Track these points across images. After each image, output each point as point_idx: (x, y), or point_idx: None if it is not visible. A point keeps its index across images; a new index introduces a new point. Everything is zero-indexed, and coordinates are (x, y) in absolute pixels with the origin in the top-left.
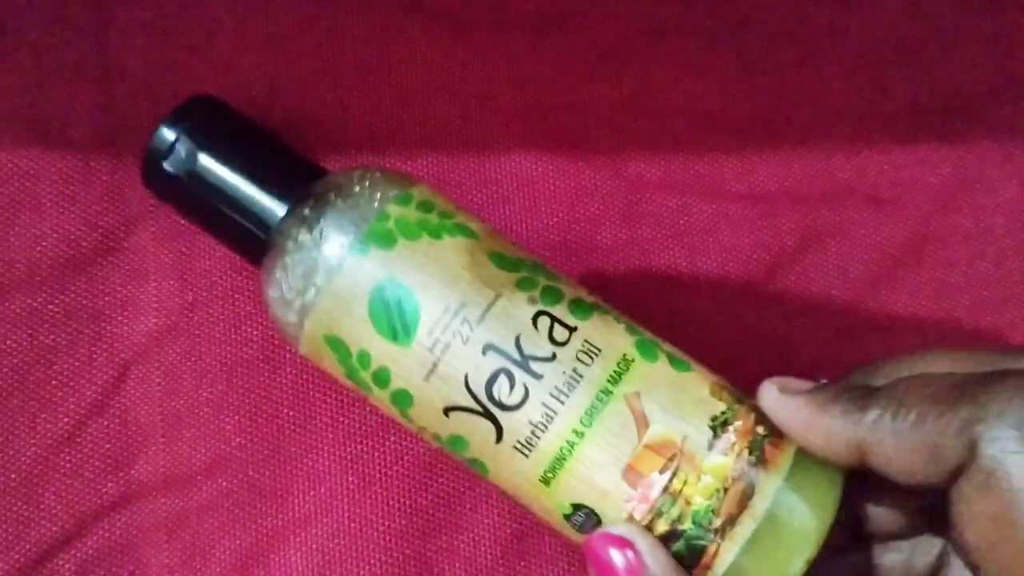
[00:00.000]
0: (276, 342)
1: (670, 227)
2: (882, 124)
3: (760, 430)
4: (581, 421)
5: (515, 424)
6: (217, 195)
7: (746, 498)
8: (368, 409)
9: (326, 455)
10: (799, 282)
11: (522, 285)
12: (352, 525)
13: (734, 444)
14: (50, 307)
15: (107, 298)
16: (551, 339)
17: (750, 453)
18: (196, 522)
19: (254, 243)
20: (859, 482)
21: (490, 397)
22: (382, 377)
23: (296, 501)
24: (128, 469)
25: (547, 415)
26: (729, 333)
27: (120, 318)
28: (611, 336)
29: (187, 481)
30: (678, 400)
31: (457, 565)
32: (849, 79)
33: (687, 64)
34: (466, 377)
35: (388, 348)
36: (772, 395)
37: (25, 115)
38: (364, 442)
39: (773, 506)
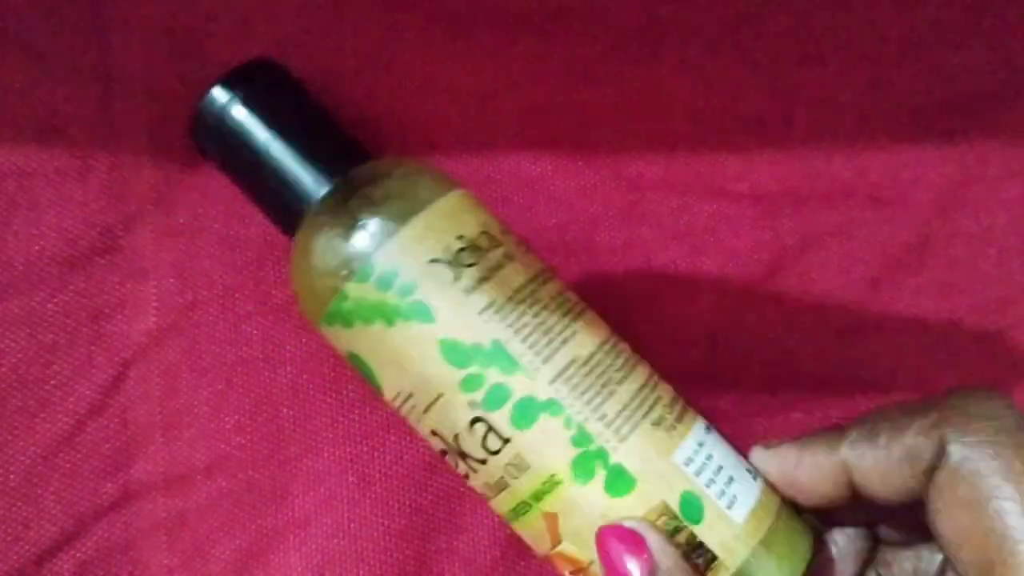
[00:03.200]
0: (276, 341)
1: (670, 227)
2: (883, 123)
3: None
4: (507, 515)
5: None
6: (260, 164)
7: None
8: (368, 409)
9: (326, 455)
10: (800, 282)
11: (467, 385)
12: (352, 525)
13: None
14: (48, 306)
15: (106, 297)
16: (483, 446)
17: None
18: (195, 522)
19: (289, 216)
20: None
21: (444, 459)
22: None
23: (296, 501)
24: (127, 469)
25: (485, 495)
26: (730, 334)
27: (119, 317)
28: (548, 449)
29: (186, 481)
30: (595, 530)
31: (457, 565)
32: (850, 78)
33: (687, 64)
34: (426, 437)
35: (372, 388)
36: (759, 454)
37: (23, 113)
38: (364, 442)
39: None
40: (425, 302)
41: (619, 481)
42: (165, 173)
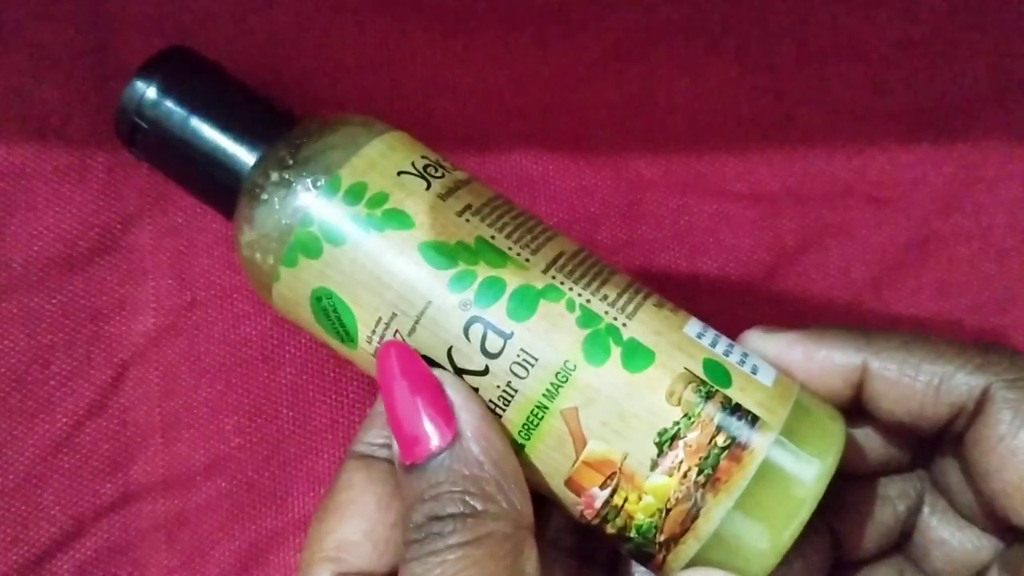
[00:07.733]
0: (275, 342)
1: (670, 227)
2: (883, 123)
3: (720, 440)
4: (519, 435)
5: None
6: (188, 147)
7: (691, 519)
8: (368, 410)
9: (326, 456)
10: (800, 282)
11: (456, 284)
12: None
13: (681, 463)
14: (47, 307)
15: (104, 297)
16: (483, 351)
17: (699, 472)
18: (195, 523)
19: (227, 195)
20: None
21: None
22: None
23: (296, 502)
24: (126, 470)
25: None
26: (729, 334)
27: (118, 318)
28: (554, 336)
29: (186, 482)
30: (622, 413)
31: None
32: (850, 78)
33: (687, 64)
34: None
35: (340, 347)
36: (759, 336)
37: (20, 112)
38: None
39: (720, 529)
40: (400, 208)
41: (637, 355)
42: None
